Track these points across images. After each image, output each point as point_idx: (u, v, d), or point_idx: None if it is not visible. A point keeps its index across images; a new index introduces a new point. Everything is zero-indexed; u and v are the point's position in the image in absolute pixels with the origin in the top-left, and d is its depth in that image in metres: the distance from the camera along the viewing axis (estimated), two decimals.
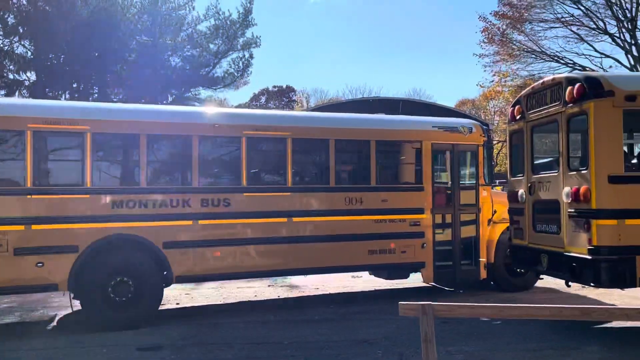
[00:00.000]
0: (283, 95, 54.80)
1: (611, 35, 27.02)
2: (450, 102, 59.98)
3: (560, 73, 22.18)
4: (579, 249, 7.18)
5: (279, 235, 9.14)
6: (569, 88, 7.36)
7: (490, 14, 28.65)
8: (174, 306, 10.00)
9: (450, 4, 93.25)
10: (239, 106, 46.93)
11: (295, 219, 9.22)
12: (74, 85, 23.57)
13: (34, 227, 7.94)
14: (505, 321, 7.98)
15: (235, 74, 26.51)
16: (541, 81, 8.54)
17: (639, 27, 26.53)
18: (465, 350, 6.91)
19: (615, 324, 7.81)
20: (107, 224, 8.24)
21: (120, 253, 8.38)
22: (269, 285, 11.95)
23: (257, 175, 9.45)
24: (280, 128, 9.36)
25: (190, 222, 8.67)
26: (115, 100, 22.60)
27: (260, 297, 10.84)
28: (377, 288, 11.60)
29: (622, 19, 26.49)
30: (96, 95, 23.54)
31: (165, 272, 8.59)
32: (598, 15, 26.79)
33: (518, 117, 8.91)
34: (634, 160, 8.13)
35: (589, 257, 6.97)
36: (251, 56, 27.07)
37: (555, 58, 27.86)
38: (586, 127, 7.12)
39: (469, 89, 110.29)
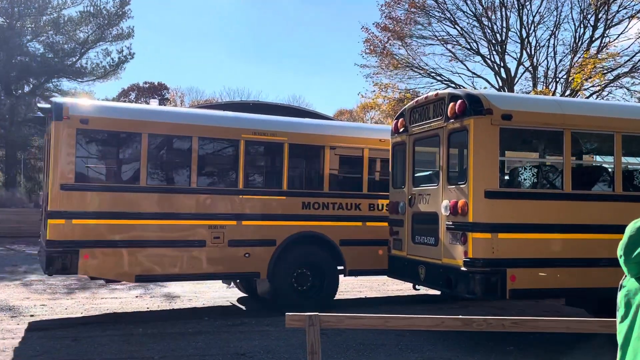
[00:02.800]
0: (155, 93, 52.31)
1: (483, 57, 28.78)
2: (329, 112, 61.33)
3: (436, 89, 23.30)
4: (456, 260, 7.36)
5: None
6: (452, 104, 7.54)
7: (373, 24, 29.26)
8: (28, 318, 8.99)
9: (332, 12, 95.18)
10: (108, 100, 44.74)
11: None
12: None
13: (243, 222, 9.17)
14: (398, 332, 7.96)
15: (108, 67, 24.97)
16: (425, 96, 8.72)
17: (508, 51, 28.57)
18: None
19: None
20: (298, 222, 9.54)
21: (307, 248, 9.72)
22: (136, 297, 11.14)
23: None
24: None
25: (360, 223, 9.98)
26: None
27: (127, 308, 10.04)
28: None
29: (493, 42, 28.35)
30: None
31: (340, 266, 9.81)
32: (472, 36, 28.48)
33: (401, 130, 9.04)
34: (507, 177, 8.53)
35: (464, 268, 7.16)
36: (130, 54, 25.81)
37: (432, 74, 29.12)
38: (466, 142, 7.34)
39: (347, 99, 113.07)
